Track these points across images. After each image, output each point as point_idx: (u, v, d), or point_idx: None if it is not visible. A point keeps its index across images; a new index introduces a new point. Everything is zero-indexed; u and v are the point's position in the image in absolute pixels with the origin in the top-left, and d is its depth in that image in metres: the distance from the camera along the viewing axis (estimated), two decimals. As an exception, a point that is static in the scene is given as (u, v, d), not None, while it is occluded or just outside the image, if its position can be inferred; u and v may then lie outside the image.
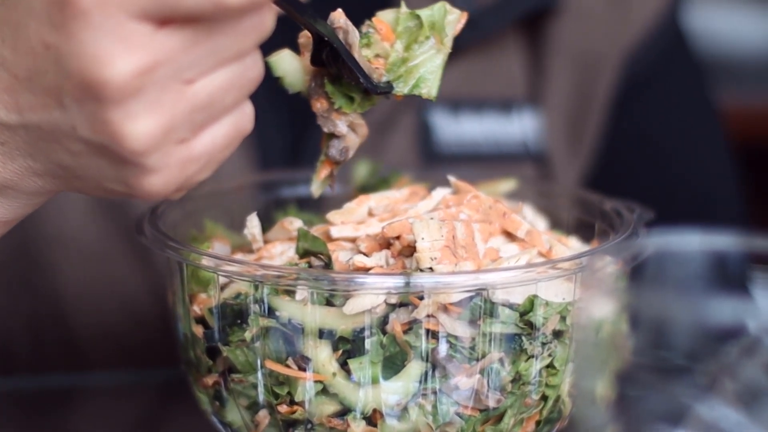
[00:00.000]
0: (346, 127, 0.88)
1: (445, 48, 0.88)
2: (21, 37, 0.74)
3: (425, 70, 0.88)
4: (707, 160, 1.37)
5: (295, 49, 0.88)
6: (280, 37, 0.82)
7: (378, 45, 0.87)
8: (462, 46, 1.26)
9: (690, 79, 1.38)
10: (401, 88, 0.87)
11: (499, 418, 0.87)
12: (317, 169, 0.90)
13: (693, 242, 0.67)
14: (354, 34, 0.85)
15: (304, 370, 0.85)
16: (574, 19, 1.29)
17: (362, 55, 0.85)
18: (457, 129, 1.27)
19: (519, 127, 1.28)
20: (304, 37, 0.87)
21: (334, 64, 0.85)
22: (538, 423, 0.89)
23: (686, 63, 1.37)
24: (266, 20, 0.75)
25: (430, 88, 0.88)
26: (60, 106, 0.74)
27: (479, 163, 1.22)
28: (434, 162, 1.25)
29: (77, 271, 1.20)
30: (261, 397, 0.87)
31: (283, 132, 1.23)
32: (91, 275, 1.20)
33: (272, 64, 0.86)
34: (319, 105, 0.87)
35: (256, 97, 0.79)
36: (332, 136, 0.88)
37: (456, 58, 1.26)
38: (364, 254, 0.88)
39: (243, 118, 0.78)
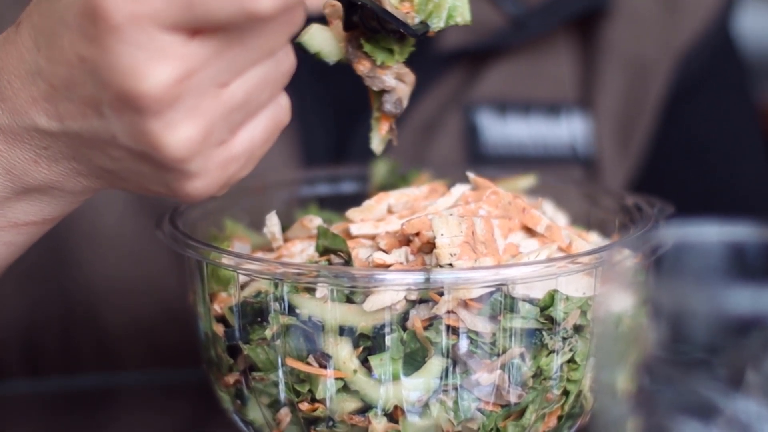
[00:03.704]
0: (394, 80, 0.88)
1: None
2: (55, 46, 0.75)
3: None
4: (751, 164, 1.37)
5: (318, 20, 0.87)
6: None
7: None
8: (510, 47, 1.26)
9: (737, 83, 1.37)
10: (436, 23, 0.87)
11: (521, 413, 0.86)
12: (375, 127, 0.90)
13: (711, 233, 0.67)
14: None
15: (325, 367, 0.85)
16: (626, 23, 1.28)
17: (392, 4, 0.85)
18: (504, 131, 1.27)
19: (567, 129, 1.27)
20: (329, 7, 0.86)
21: (368, 23, 0.85)
22: (560, 418, 0.89)
23: (734, 67, 1.36)
24: (297, 15, 0.76)
25: (463, 15, 0.87)
26: (99, 115, 0.75)
27: (526, 165, 1.21)
28: (480, 164, 1.25)
29: (111, 270, 1.21)
30: (282, 395, 0.87)
31: (328, 130, 1.23)
32: (125, 274, 1.21)
33: (305, 42, 0.86)
34: (361, 67, 0.87)
35: (299, 97, 0.79)
36: (383, 91, 0.88)
37: (504, 60, 1.27)
38: (384, 251, 0.88)
39: (279, 111, 0.79)
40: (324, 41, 0.86)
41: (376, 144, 0.90)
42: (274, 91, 0.78)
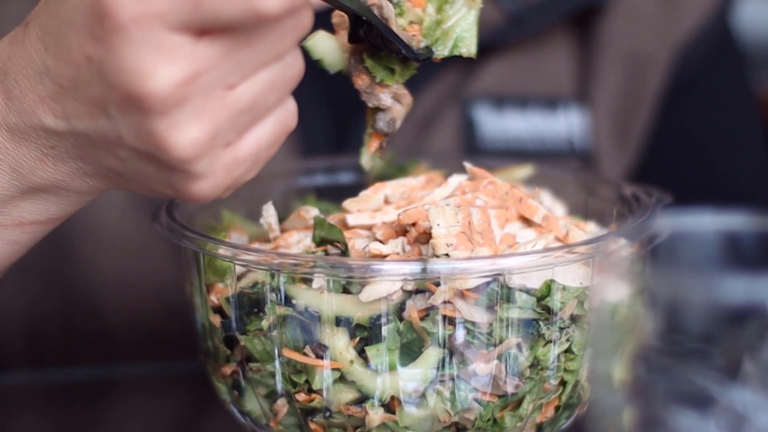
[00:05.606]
0: (391, 99, 0.88)
1: (476, 4, 0.87)
2: (63, 46, 0.75)
3: (461, 29, 0.87)
4: (750, 156, 1.37)
5: (327, 28, 0.87)
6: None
7: (410, 12, 0.87)
8: (508, 43, 1.26)
9: (736, 76, 1.37)
10: (441, 51, 0.87)
11: (518, 403, 0.86)
12: (366, 142, 0.90)
13: (707, 222, 0.67)
14: (388, 8, 0.85)
15: (322, 358, 0.85)
16: (625, 18, 1.29)
17: (398, 25, 0.85)
18: (502, 125, 1.27)
19: (564, 124, 1.27)
20: (338, 17, 0.87)
21: (372, 39, 0.85)
22: (557, 408, 0.89)
23: (733, 59, 1.37)
24: (304, 19, 0.75)
25: (468, 47, 0.87)
26: (106, 115, 0.75)
27: (523, 159, 1.22)
28: (478, 158, 1.25)
29: (111, 263, 1.21)
30: (279, 386, 0.87)
31: (327, 126, 1.23)
32: (125, 267, 1.21)
33: (309, 47, 0.86)
34: (360, 81, 0.87)
35: (298, 92, 0.79)
36: (377, 109, 0.88)
37: (502, 55, 1.27)
38: (380, 241, 0.88)
39: (287, 115, 0.79)
40: (328, 49, 0.87)
41: (365, 161, 0.90)
42: (282, 94, 0.78)
